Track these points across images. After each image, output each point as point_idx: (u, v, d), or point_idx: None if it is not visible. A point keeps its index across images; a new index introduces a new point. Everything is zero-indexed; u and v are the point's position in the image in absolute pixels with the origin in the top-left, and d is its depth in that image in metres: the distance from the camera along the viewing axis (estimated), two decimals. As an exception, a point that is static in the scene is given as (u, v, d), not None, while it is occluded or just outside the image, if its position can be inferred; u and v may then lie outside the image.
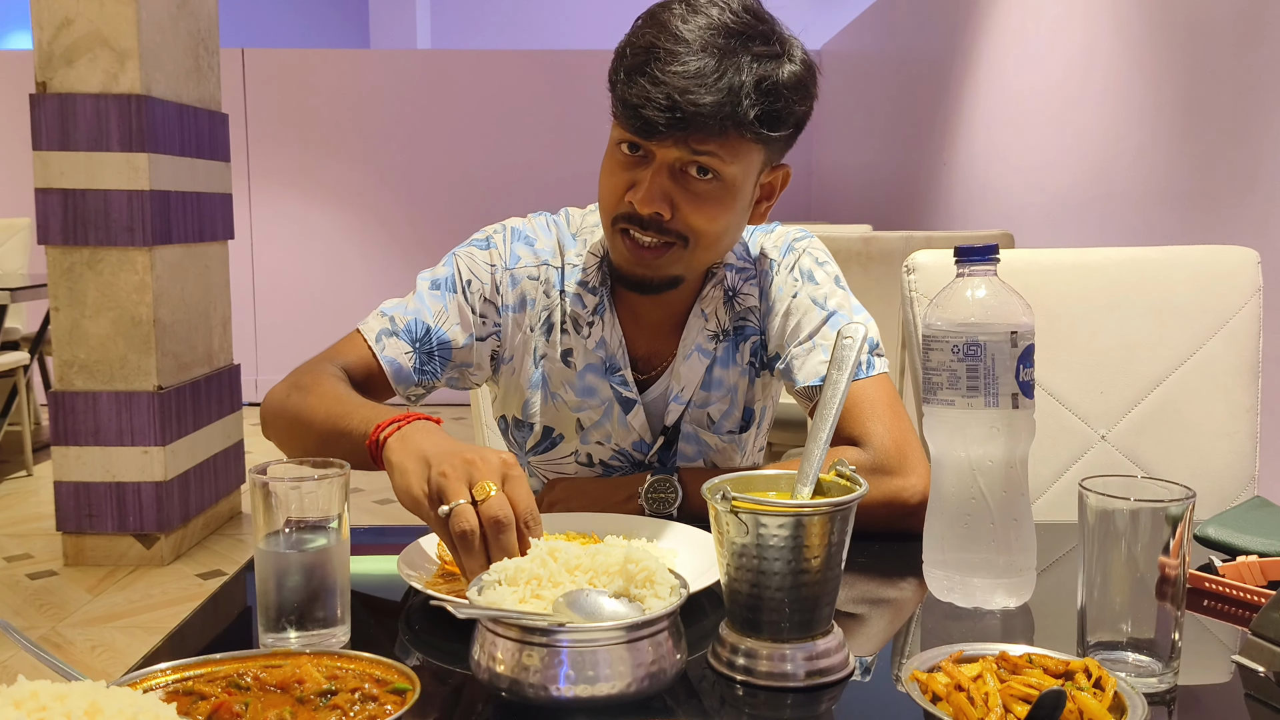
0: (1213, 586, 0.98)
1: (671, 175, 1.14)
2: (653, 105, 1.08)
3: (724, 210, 1.16)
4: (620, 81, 1.12)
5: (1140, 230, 2.84)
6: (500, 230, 1.33)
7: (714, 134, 1.10)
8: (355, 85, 6.41)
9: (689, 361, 1.30)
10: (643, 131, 1.11)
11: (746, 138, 1.12)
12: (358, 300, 6.48)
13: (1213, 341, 1.44)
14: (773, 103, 1.11)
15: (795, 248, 1.33)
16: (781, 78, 1.12)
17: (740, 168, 1.15)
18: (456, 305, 1.28)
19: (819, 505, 0.78)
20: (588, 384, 1.30)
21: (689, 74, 1.07)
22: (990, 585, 0.94)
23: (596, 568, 0.82)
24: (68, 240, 3.34)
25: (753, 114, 1.10)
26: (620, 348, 1.29)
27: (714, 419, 1.32)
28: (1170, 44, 2.70)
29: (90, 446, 3.42)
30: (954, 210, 4.35)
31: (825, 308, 1.27)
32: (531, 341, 1.31)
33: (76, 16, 3.28)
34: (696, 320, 1.30)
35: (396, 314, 1.27)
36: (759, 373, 1.34)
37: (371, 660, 0.74)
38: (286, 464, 0.88)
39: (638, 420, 1.30)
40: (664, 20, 1.11)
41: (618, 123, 1.15)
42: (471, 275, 1.29)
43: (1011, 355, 0.91)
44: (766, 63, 1.11)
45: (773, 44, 1.13)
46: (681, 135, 1.10)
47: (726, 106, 1.08)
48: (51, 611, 3.13)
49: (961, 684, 0.70)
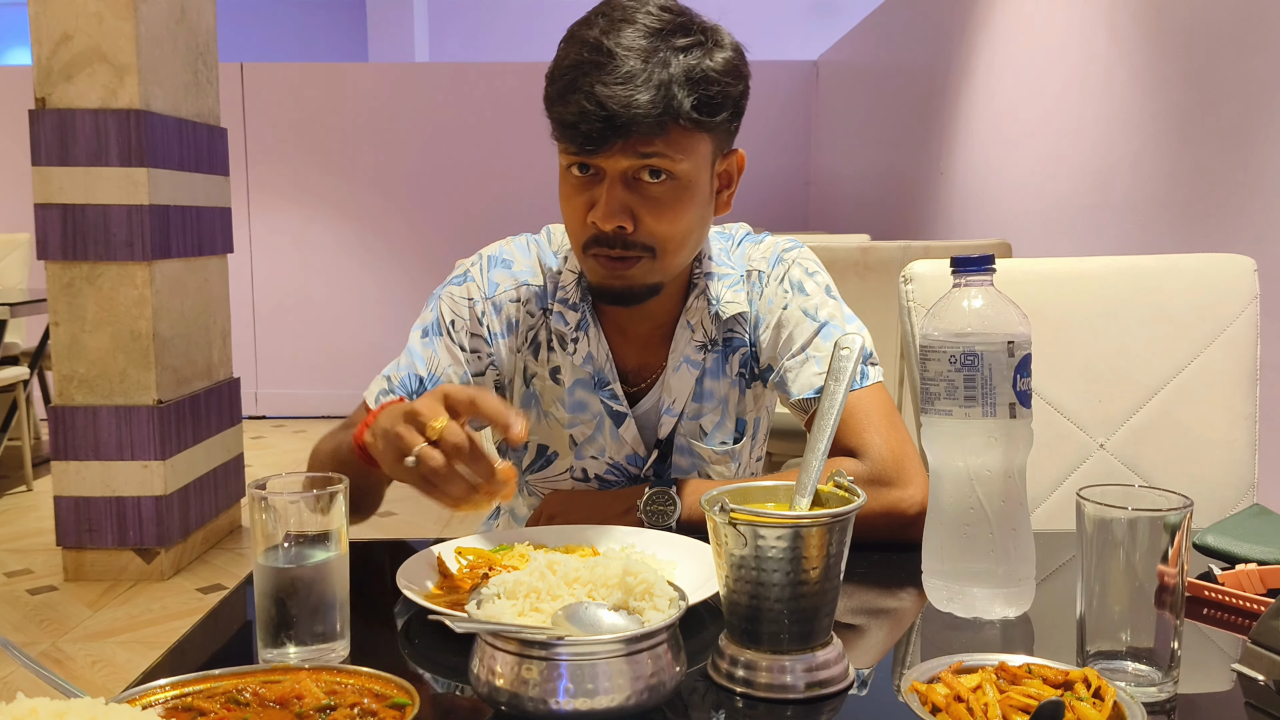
0: (1212, 595, 0.98)
1: (626, 185, 1.14)
2: (590, 118, 1.09)
3: (684, 210, 1.17)
4: (554, 104, 1.13)
5: (1137, 239, 2.84)
6: (476, 261, 1.34)
7: (656, 132, 1.11)
8: (354, 98, 6.42)
9: (678, 373, 1.30)
10: (587, 147, 1.12)
11: (688, 129, 1.13)
12: (357, 313, 6.50)
13: (1210, 349, 1.44)
14: (706, 89, 1.12)
15: (785, 258, 1.33)
16: (710, 64, 1.13)
17: (691, 163, 1.15)
18: (445, 348, 1.28)
19: (817, 516, 0.78)
20: (578, 399, 1.30)
21: (619, 80, 1.09)
22: (989, 595, 0.94)
23: (595, 580, 0.82)
24: (67, 255, 3.35)
25: (689, 104, 1.11)
26: (608, 361, 1.30)
27: (706, 430, 1.32)
28: (1166, 53, 2.71)
29: (90, 461, 3.42)
30: (951, 219, 4.36)
31: (817, 319, 1.27)
32: (521, 361, 1.32)
33: (75, 32, 3.29)
34: (684, 332, 1.30)
35: (392, 374, 1.28)
36: (750, 384, 1.34)
37: (371, 675, 0.74)
38: (286, 478, 0.88)
39: (630, 433, 1.30)
40: (585, 37, 1.13)
41: (561, 146, 1.16)
42: (454, 315, 1.29)
43: (1008, 365, 0.92)
44: (693, 52, 1.12)
45: (694, 34, 1.14)
46: (625, 142, 1.10)
47: (662, 102, 1.09)
48: (51, 627, 3.12)
49: (961, 695, 0.70)
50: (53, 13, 3.28)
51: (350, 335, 6.47)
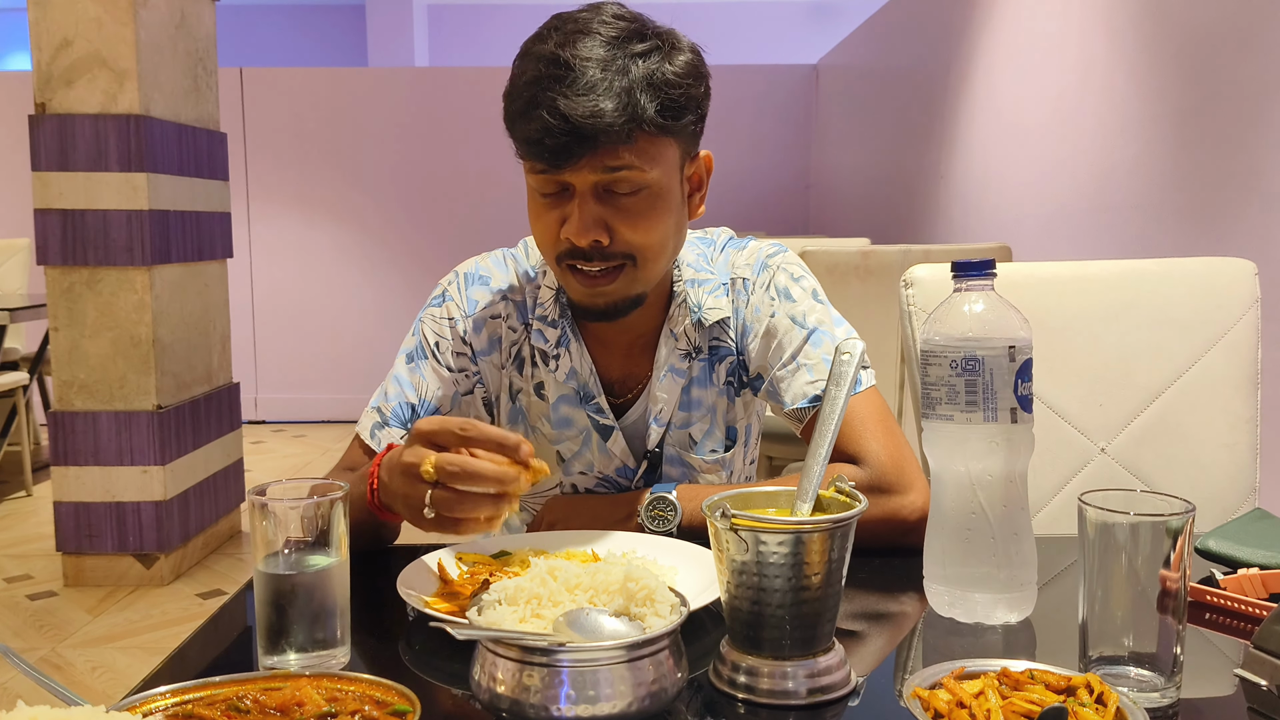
0: (1214, 599, 0.98)
1: (598, 198, 1.13)
2: (555, 133, 1.07)
3: (659, 217, 1.16)
4: (517, 122, 1.11)
5: (1137, 242, 2.85)
6: (453, 279, 1.33)
7: (622, 141, 1.09)
8: (353, 103, 6.43)
9: (664, 382, 1.28)
10: (554, 162, 1.10)
11: (653, 134, 1.11)
12: (356, 317, 6.50)
13: (1212, 353, 1.44)
14: (669, 92, 1.11)
15: (769, 265, 1.31)
16: (670, 67, 1.12)
17: (660, 169, 1.14)
18: (432, 370, 1.27)
19: (819, 522, 0.78)
20: (563, 415, 1.29)
21: (580, 91, 1.07)
22: (991, 600, 0.93)
23: (596, 586, 0.82)
24: (67, 260, 3.35)
25: (652, 109, 1.10)
26: (592, 375, 1.28)
27: (696, 440, 1.31)
28: (1166, 56, 2.71)
29: (90, 466, 3.42)
30: (952, 223, 4.36)
31: (805, 325, 1.25)
32: (506, 377, 1.31)
33: (75, 37, 3.29)
34: (667, 341, 1.29)
35: (382, 404, 1.27)
36: (739, 392, 1.32)
37: (371, 682, 0.74)
38: (286, 484, 0.87)
39: (618, 446, 1.29)
40: (541, 52, 1.11)
41: (527, 163, 1.14)
42: (437, 336, 1.29)
43: (1009, 369, 0.92)
44: (651, 57, 1.11)
45: (650, 39, 1.13)
46: (593, 155, 1.09)
47: (626, 109, 1.08)
48: (51, 632, 3.12)
49: (963, 701, 0.70)
50: (53, 18, 3.28)
51: (350, 340, 6.47)
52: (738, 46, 8.24)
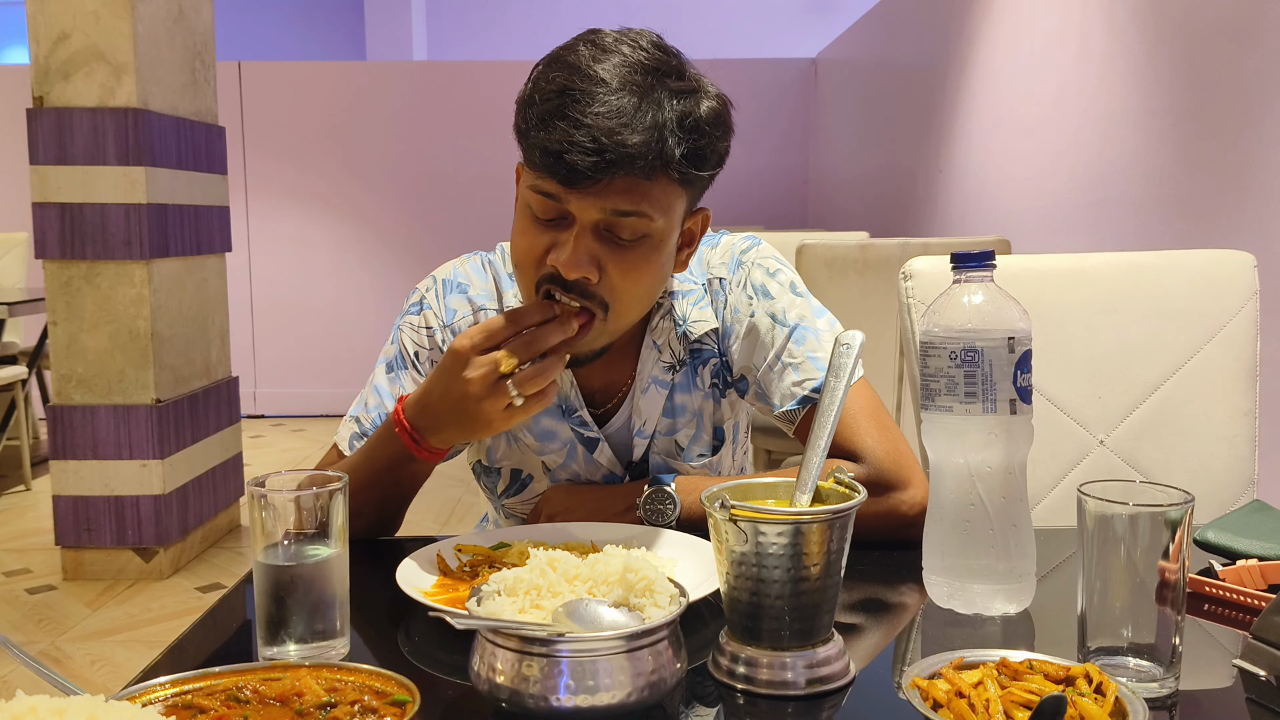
0: (1213, 591, 0.98)
1: (596, 235, 1.07)
2: (577, 149, 0.99)
3: (651, 269, 1.10)
4: (534, 129, 1.03)
5: (1136, 235, 2.85)
6: (431, 286, 1.30)
7: (643, 176, 1.03)
8: (352, 97, 6.42)
9: (647, 394, 1.26)
10: (568, 180, 1.02)
11: (674, 179, 1.06)
12: (355, 311, 6.49)
13: (1210, 345, 1.44)
14: (697, 139, 1.05)
15: (744, 261, 1.28)
16: (702, 113, 1.06)
17: (666, 220, 1.08)
18: (412, 380, 1.26)
19: (818, 513, 0.78)
20: (545, 428, 1.27)
21: (611, 113, 1.00)
22: (990, 591, 0.94)
23: (596, 577, 0.82)
24: (65, 254, 3.34)
25: (679, 152, 1.03)
26: (573, 389, 1.26)
27: (683, 446, 1.29)
28: (1164, 49, 2.71)
29: (88, 460, 3.42)
30: (951, 216, 4.36)
31: (786, 323, 1.23)
32: None
33: (73, 31, 3.29)
34: (650, 353, 1.26)
35: (361, 414, 1.25)
36: (724, 392, 1.30)
37: (371, 672, 0.74)
38: (285, 476, 0.88)
39: (604, 456, 1.28)
40: (573, 62, 1.04)
41: (535, 174, 1.06)
42: (416, 345, 1.27)
43: (1009, 361, 0.92)
44: (686, 98, 1.05)
45: (688, 79, 1.07)
46: (607, 183, 1.02)
47: (654, 145, 1.01)
48: (50, 626, 3.12)
49: (962, 691, 0.70)
50: (50, 12, 3.28)
51: (348, 334, 6.47)
52: (736, 40, 8.23)
